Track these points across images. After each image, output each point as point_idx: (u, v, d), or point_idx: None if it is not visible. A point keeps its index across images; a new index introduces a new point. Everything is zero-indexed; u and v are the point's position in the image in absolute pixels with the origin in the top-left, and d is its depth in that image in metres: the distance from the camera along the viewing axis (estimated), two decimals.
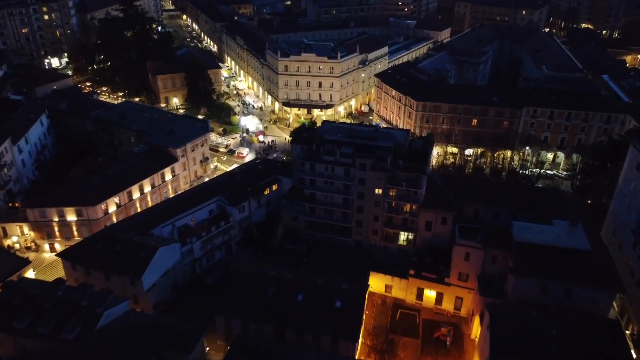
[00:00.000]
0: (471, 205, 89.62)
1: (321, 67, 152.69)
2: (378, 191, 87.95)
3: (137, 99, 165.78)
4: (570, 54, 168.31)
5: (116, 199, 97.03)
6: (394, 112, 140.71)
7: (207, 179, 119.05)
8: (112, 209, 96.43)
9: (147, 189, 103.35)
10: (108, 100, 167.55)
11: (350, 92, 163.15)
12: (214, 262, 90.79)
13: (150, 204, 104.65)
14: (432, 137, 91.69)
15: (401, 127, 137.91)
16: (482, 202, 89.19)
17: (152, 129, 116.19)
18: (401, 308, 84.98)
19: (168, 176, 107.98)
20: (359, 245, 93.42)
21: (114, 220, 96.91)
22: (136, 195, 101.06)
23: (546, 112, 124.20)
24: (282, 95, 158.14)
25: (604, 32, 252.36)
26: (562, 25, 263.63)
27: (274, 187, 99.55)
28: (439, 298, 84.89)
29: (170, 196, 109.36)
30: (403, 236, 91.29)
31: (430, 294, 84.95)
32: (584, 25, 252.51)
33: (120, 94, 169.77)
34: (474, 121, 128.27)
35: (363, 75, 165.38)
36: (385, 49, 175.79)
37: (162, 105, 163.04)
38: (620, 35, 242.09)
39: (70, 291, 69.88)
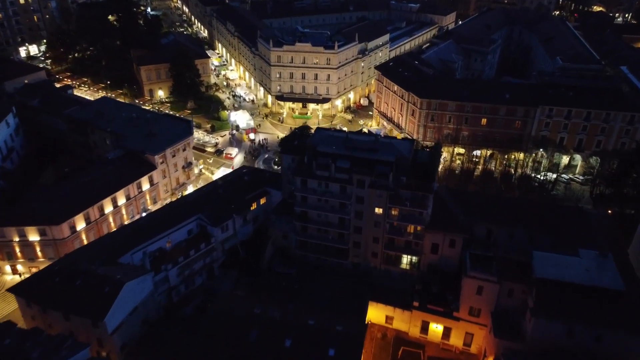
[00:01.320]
0: (483, 224, 79.58)
1: (317, 58, 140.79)
2: (378, 211, 77.66)
3: (119, 92, 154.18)
4: (584, 41, 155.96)
5: (85, 215, 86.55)
6: (395, 109, 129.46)
7: (190, 186, 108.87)
8: (80, 226, 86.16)
9: (122, 201, 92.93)
10: (88, 93, 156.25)
11: (348, 85, 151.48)
12: (193, 288, 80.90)
13: (125, 218, 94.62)
14: (440, 148, 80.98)
15: (403, 125, 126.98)
16: (495, 221, 79.23)
17: (129, 130, 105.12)
18: (404, 344, 75.50)
19: (145, 185, 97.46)
20: (357, 268, 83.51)
21: (83, 238, 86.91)
22: (109, 209, 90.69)
23: (563, 111, 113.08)
24: (275, 88, 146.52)
25: (617, 15, 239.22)
26: (572, 8, 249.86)
27: (262, 201, 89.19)
28: (447, 332, 75.35)
29: (149, 207, 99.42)
30: (406, 259, 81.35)
31: (436, 327, 75.37)
32: (595, 9, 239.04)
33: (101, 85, 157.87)
34: (484, 120, 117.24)
35: (362, 65, 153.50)
36: (386, 37, 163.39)
37: (147, 98, 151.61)
38: (636, 20, 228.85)
39: (20, 337, 60.22)
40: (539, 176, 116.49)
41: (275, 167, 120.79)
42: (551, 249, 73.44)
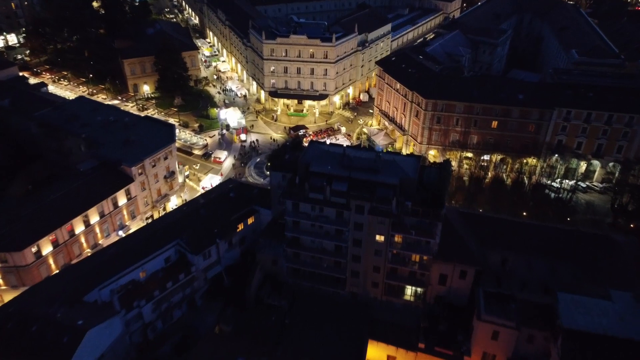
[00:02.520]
0: (498, 252, 70.68)
1: (313, 51, 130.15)
2: (379, 238, 68.52)
3: (102, 87, 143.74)
4: (600, 31, 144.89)
5: (52, 237, 77.42)
6: (397, 108, 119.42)
7: (173, 197, 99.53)
8: (46, 250, 77.03)
9: (95, 219, 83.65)
10: (68, 88, 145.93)
11: (347, 79, 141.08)
12: (172, 323, 72.15)
13: (99, 237, 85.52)
14: (449, 166, 71.36)
15: (406, 126, 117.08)
16: (512, 249, 70.34)
17: (105, 136, 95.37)
18: None
19: (122, 200, 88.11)
20: (356, 299, 74.69)
21: (51, 263, 77.92)
22: (79, 229, 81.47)
23: (582, 114, 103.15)
24: (268, 83, 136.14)
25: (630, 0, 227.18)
26: None
27: (250, 221, 79.91)
28: None
29: (126, 223, 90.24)
30: (410, 290, 72.53)
31: None
32: None
33: (82, 80, 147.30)
34: (494, 123, 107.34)
35: (362, 58, 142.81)
36: (388, 27, 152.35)
37: (131, 94, 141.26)
38: None
39: None
40: (554, 184, 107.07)
41: (268, 172, 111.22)
42: (576, 283, 65.04)
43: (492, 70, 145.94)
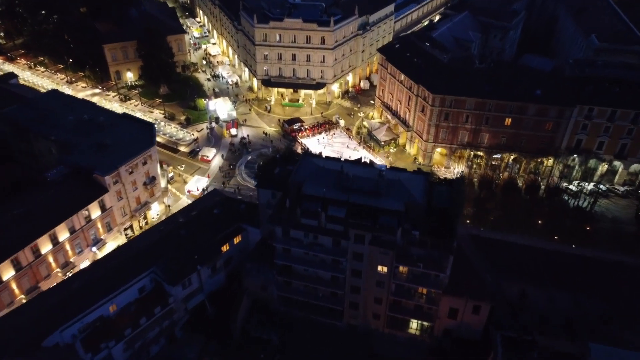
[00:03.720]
0: (515, 283, 62.49)
1: (310, 36, 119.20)
2: (382, 269, 60.12)
3: (82, 74, 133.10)
4: (622, 13, 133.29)
5: (14, 260, 68.88)
6: (401, 102, 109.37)
7: (155, 204, 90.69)
8: (8, 274, 68.71)
9: (64, 235, 75.02)
10: (45, 75, 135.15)
11: (347, 66, 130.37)
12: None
13: (70, 255, 77.13)
14: (463, 185, 62.44)
15: (410, 122, 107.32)
16: (532, 279, 62.19)
17: (77, 138, 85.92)
18: None
19: (95, 212, 79.30)
20: (354, 330, 66.70)
21: (14, 288, 69.68)
22: (47, 248, 72.92)
23: (605, 112, 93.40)
24: (260, 71, 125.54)
25: None
26: None
27: (237, 240, 71.32)
28: None
29: (101, 237, 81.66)
30: (416, 324, 64.50)
31: None
32: None
33: (60, 66, 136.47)
34: (508, 120, 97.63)
35: (363, 43, 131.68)
36: (391, 7, 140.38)
37: (113, 82, 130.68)
38: None
39: None
40: (571, 186, 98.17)
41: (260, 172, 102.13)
42: (604, 324, 57.06)
43: (503, 56, 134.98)
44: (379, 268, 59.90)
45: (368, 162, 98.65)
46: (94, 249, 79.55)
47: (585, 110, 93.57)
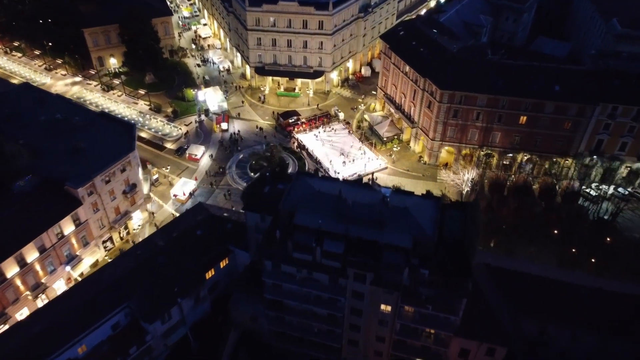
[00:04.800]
0: (534, 319, 55.50)
1: (306, 20, 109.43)
2: (385, 308, 52.96)
3: (62, 61, 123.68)
4: None
5: None
6: (406, 95, 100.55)
7: (137, 213, 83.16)
8: None
9: (33, 256, 67.73)
10: (22, 61, 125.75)
11: (346, 52, 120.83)
12: None
13: (41, 275, 70.01)
14: (479, 210, 54.73)
15: (416, 117, 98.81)
16: (552, 316, 55.14)
17: (49, 141, 78.06)
18: None
19: (69, 228, 71.81)
20: None
21: None
22: (13, 271, 65.73)
23: (631, 110, 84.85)
24: (253, 58, 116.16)
25: None
26: None
27: (223, 264, 64.14)
28: None
29: (77, 253, 74.43)
30: None
31: None
32: None
33: (36, 52, 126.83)
34: (523, 118, 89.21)
35: (365, 26, 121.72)
36: None
37: (95, 70, 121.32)
38: None
39: None
40: (589, 190, 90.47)
41: (252, 174, 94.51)
42: None
43: (515, 40, 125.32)
44: (382, 307, 52.82)
45: (370, 182, 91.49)
46: (68, 267, 72.42)
47: (609, 108, 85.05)
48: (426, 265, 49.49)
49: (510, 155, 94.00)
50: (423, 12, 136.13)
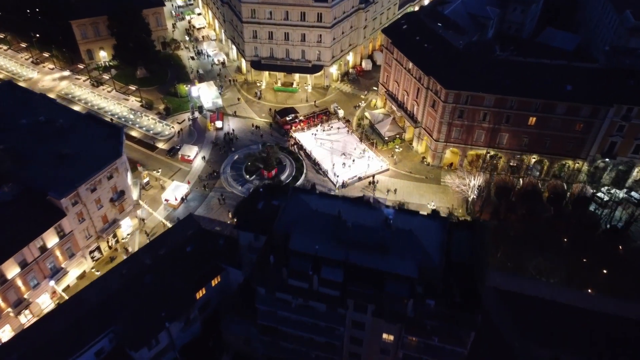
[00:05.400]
0: (547, 347, 51.83)
1: (305, 12, 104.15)
2: (388, 337, 49.27)
3: (50, 54, 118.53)
4: None
5: None
6: (408, 92, 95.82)
7: (126, 221, 79.19)
8: None
9: (14, 272, 63.94)
10: (8, 54, 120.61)
11: (346, 45, 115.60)
12: None
13: (24, 292, 66.44)
14: (488, 232, 50.71)
15: (419, 117, 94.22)
16: (568, 346, 51.42)
17: (32, 145, 73.62)
18: None
19: (52, 240, 67.86)
20: None
21: None
22: None
23: None
24: (249, 51, 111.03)
25: None
26: None
27: (214, 282, 60.35)
28: None
29: (62, 265, 70.60)
30: None
31: None
32: None
33: (23, 45, 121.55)
34: (532, 119, 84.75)
35: (366, 17, 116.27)
36: None
37: (84, 64, 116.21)
38: None
39: None
40: (600, 194, 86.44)
41: (248, 176, 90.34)
42: None
43: (523, 32, 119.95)
44: (384, 336, 49.15)
45: (371, 184, 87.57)
46: (52, 282, 68.64)
47: (624, 109, 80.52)
48: (432, 295, 45.61)
49: (518, 156, 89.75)
50: (426, 1, 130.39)
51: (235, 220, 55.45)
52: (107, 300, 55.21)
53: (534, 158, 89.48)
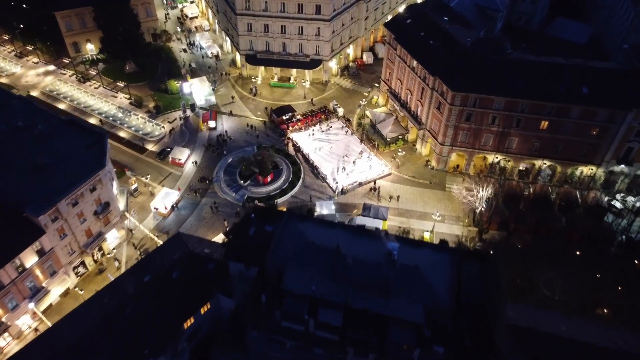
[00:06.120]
0: None
1: (302, 4, 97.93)
2: None
3: (34, 47, 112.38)
4: None
5: None
6: (412, 92, 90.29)
7: (112, 234, 74.61)
8: None
9: None
10: None
11: (346, 38, 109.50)
12: None
13: (1, 315, 61.91)
14: (501, 264, 46.04)
15: (423, 118, 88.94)
16: None
17: (8, 155, 68.63)
18: None
19: (31, 260, 63.31)
20: None
21: None
22: None
23: None
24: (244, 45, 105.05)
25: None
26: None
27: (204, 310, 55.96)
28: None
29: (43, 284, 66.15)
30: None
31: None
32: None
33: (5, 38, 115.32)
34: (544, 123, 79.50)
35: (367, 8, 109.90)
36: None
37: (70, 57, 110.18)
38: None
39: None
40: (615, 202, 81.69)
41: (242, 182, 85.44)
42: None
43: (533, 23, 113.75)
44: None
45: (373, 190, 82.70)
46: (32, 304, 64.29)
47: None
48: (441, 341, 41.19)
49: (527, 161, 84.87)
50: None
51: (224, 248, 50.69)
52: (84, 335, 50.80)
53: (545, 163, 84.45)
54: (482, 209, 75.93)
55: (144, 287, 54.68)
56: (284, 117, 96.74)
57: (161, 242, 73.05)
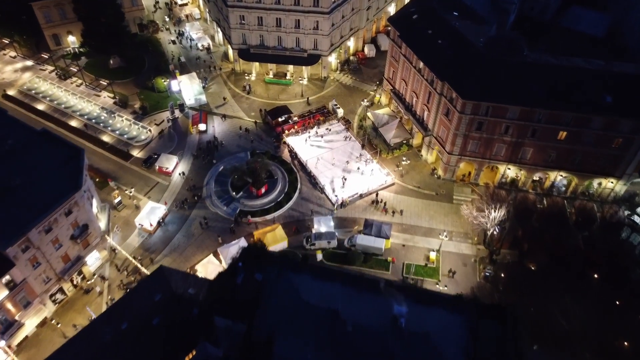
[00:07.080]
0: None
1: None
2: None
3: (12, 41, 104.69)
4: None
5: None
6: (418, 95, 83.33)
7: (93, 255, 68.97)
8: None
9: None
10: None
11: (347, 30, 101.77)
12: None
13: None
14: (518, 332, 40.42)
15: (430, 124, 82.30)
16: None
17: None
18: None
19: (1, 294, 57.75)
20: None
21: None
22: None
23: None
24: (236, 38, 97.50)
25: None
26: None
27: (188, 357, 50.58)
28: None
29: (16, 318, 61.03)
30: None
31: None
32: None
33: None
34: (562, 134, 72.92)
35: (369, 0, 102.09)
36: None
37: (50, 51, 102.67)
38: None
39: None
40: (635, 217, 75.84)
41: (234, 193, 79.37)
42: None
43: (547, 12, 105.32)
44: None
45: (375, 203, 76.63)
46: (3, 342, 59.01)
47: None
48: None
49: (542, 172, 78.67)
50: None
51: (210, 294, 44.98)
52: None
53: (561, 175, 78.22)
54: (495, 232, 69.95)
55: (122, 334, 49.14)
56: (280, 119, 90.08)
57: (144, 269, 67.57)
